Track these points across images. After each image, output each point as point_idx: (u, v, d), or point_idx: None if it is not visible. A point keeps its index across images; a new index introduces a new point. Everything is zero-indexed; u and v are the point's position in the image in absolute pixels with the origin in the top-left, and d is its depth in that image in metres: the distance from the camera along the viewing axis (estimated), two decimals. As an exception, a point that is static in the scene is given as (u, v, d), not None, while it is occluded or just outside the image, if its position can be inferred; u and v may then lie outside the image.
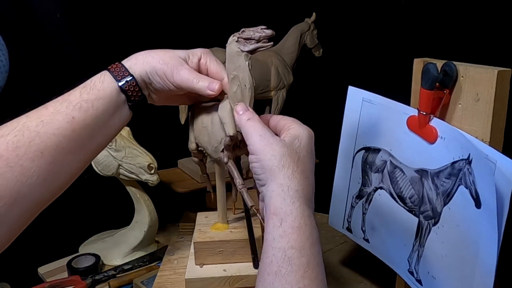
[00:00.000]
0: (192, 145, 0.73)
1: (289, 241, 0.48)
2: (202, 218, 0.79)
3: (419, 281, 0.68)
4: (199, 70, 0.64)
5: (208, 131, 0.65)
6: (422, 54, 0.70)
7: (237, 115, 0.58)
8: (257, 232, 0.73)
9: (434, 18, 1.06)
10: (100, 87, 0.58)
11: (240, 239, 0.72)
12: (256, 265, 0.71)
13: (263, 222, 0.58)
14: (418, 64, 0.68)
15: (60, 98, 0.57)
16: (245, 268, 0.72)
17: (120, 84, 0.59)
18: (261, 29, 0.56)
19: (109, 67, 0.61)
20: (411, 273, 0.70)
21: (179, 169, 1.17)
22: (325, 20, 1.24)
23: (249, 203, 0.60)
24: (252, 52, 0.57)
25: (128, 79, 0.60)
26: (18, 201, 0.51)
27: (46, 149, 0.53)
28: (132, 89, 0.60)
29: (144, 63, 0.61)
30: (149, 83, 0.62)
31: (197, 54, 0.64)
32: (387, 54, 1.18)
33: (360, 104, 0.77)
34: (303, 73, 1.25)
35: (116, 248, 1.01)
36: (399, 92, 0.72)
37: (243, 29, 0.58)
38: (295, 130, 0.55)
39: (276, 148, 0.52)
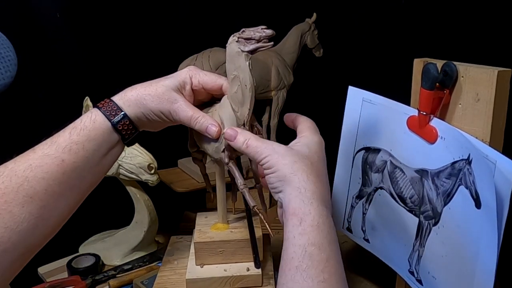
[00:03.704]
0: (192, 146, 0.73)
1: (309, 239, 0.49)
2: (202, 218, 0.79)
3: (420, 281, 0.68)
4: (196, 93, 0.64)
5: None
6: (422, 54, 0.70)
7: (232, 142, 0.57)
8: (258, 232, 0.73)
9: (434, 18, 1.06)
10: (91, 128, 0.57)
11: (240, 239, 0.72)
12: (257, 265, 0.71)
13: (265, 221, 0.59)
14: (418, 64, 0.68)
15: (48, 140, 0.55)
16: (245, 268, 0.72)
17: (113, 123, 0.58)
18: (262, 29, 0.56)
19: (99, 104, 0.59)
20: (412, 273, 0.70)
21: (179, 169, 1.17)
22: (326, 20, 1.24)
23: (251, 203, 0.60)
24: (252, 52, 0.57)
25: (121, 117, 0.58)
26: (9, 249, 0.50)
27: (35, 194, 0.51)
28: (126, 127, 0.59)
29: (138, 105, 0.59)
30: (146, 122, 0.61)
31: (187, 80, 0.62)
32: (387, 54, 1.18)
33: (360, 104, 0.77)
34: (303, 73, 1.25)
35: (116, 248, 1.01)
36: (399, 92, 0.72)
37: (243, 29, 0.58)
38: (306, 139, 0.56)
39: (287, 157, 0.53)
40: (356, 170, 0.81)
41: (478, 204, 0.54)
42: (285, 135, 0.65)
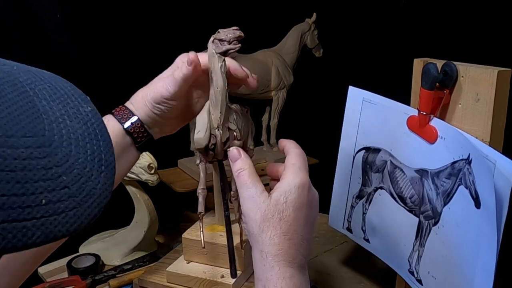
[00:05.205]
0: (192, 146, 0.72)
1: None
2: (209, 216, 0.79)
3: (419, 281, 0.68)
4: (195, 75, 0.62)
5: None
6: (422, 54, 0.70)
7: (231, 162, 0.57)
8: (236, 239, 0.71)
9: (434, 18, 1.06)
10: None
11: (223, 245, 0.71)
12: (233, 275, 0.70)
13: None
14: (418, 64, 0.68)
15: None
16: (221, 274, 0.71)
17: (125, 126, 0.59)
18: (233, 30, 0.56)
19: (113, 110, 0.61)
20: (412, 273, 0.70)
21: (179, 169, 1.17)
22: (326, 20, 1.24)
23: (199, 209, 0.63)
24: (224, 53, 0.56)
25: (133, 120, 0.59)
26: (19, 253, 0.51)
27: None
28: (137, 130, 0.60)
29: (145, 103, 0.60)
30: (158, 120, 0.61)
31: (182, 68, 0.61)
32: (387, 54, 1.18)
33: (360, 104, 0.77)
34: (303, 73, 1.25)
35: (116, 248, 1.01)
36: (399, 92, 0.72)
37: (219, 30, 0.57)
38: (286, 185, 0.53)
39: (258, 213, 0.52)
40: (356, 170, 0.81)
41: (477, 204, 0.54)
42: (285, 135, 0.65)
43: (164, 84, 0.60)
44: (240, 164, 0.56)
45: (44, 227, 0.26)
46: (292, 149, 0.57)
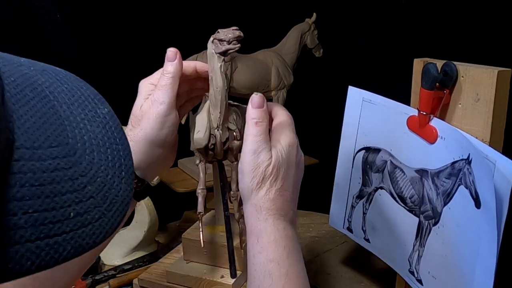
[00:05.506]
0: (192, 146, 0.72)
1: (267, 255, 0.51)
2: (210, 216, 0.79)
3: (420, 281, 0.68)
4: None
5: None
6: (422, 54, 0.70)
7: (250, 106, 0.55)
8: (236, 239, 0.71)
9: (434, 18, 1.06)
10: None
11: (223, 244, 0.71)
12: (232, 275, 0.70)
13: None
14: (418, 64, 0.68)
15: None
16: (220, 274, 0.71)
17: None
18: (232, 30, 0.56)
19: None
20: (412, 273, 0.70)
21: (179, 169, 1.17)
22: (326, 20, 1.24)
23: (199, 209, 0.62)
24: (224, 53, 0.56)
25: None
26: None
27: None
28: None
29: (135, 142, 0.56)
30: (158, 151, 0.58)
31: (166, 69, 0.60)
32: (387, 54, 1.18)
33: (360, 104, 0.77)
34: (303, 73, 1.25)
35: (116, 248, 1.01)
36: (399, 92, 0.72)
37: (218, 30, 0.57)
38: (278, 143, 0.54)
39: (260, 169, 0.52)
40: (356, 170, 0.81)
41: (477, 204, 0.54)
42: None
43: (154, 104, 0.57)
44: (261, 114, 0.54)
45: (74, 241, 0.26)
46: (279, 111, 0.58)
